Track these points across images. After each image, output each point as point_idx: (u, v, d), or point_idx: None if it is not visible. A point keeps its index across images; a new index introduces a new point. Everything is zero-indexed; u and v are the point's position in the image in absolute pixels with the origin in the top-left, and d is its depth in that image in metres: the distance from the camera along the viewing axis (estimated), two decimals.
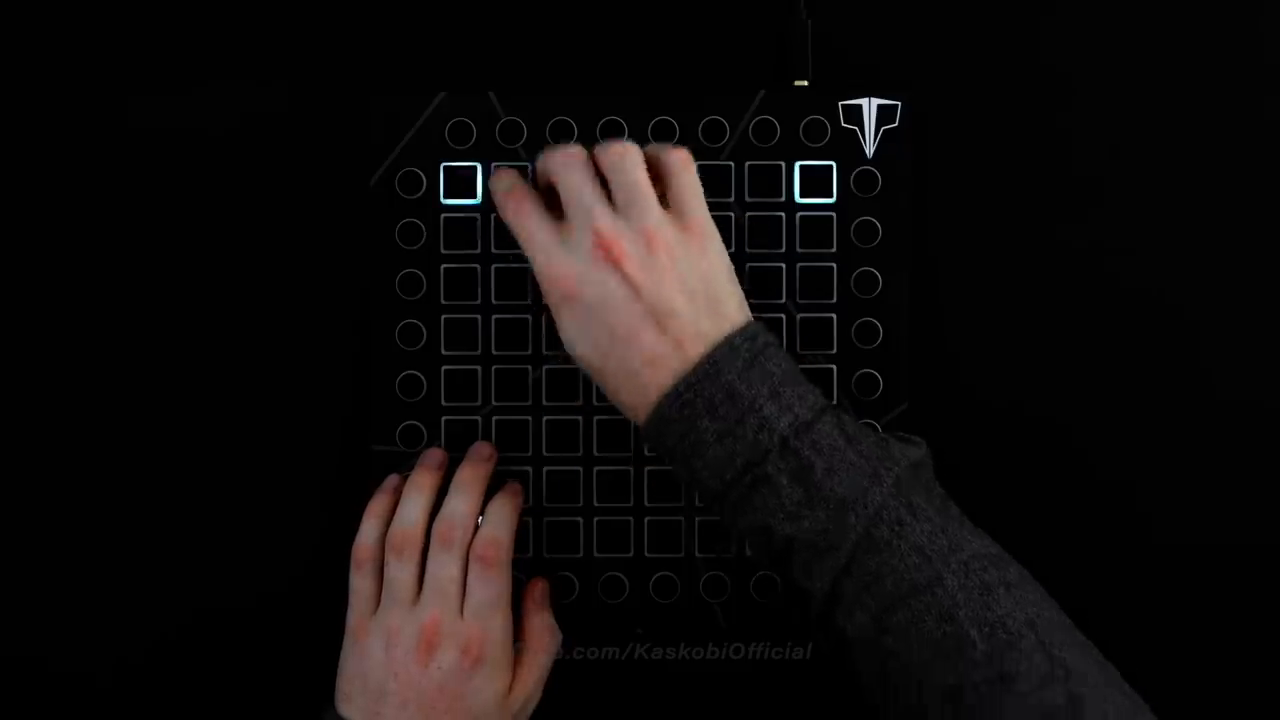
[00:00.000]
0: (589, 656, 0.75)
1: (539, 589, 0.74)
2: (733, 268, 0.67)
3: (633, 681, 0.76)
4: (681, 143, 0.74)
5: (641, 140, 0.74)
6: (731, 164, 0.75)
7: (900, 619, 0.62)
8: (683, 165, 0.67)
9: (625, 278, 0.64)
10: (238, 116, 0.76)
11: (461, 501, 0.71)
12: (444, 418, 0.75)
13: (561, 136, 0.75)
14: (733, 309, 0.66)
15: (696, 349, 0.64)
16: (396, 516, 0.71)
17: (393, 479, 0.73)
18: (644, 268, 0.65)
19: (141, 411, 0.76)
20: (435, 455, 0.73)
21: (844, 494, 0.63)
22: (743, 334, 0.65)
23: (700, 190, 0.67)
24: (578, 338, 0.66)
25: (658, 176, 0.67)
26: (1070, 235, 0.76)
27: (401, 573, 0.70)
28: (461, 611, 0.69)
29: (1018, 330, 0.76)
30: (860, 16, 0.76)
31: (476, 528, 0.71)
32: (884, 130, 0.74)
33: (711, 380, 0.64)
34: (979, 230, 0.76)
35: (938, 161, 0.75)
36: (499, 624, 0.70)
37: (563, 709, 0.75)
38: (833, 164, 0.75)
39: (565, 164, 0.67)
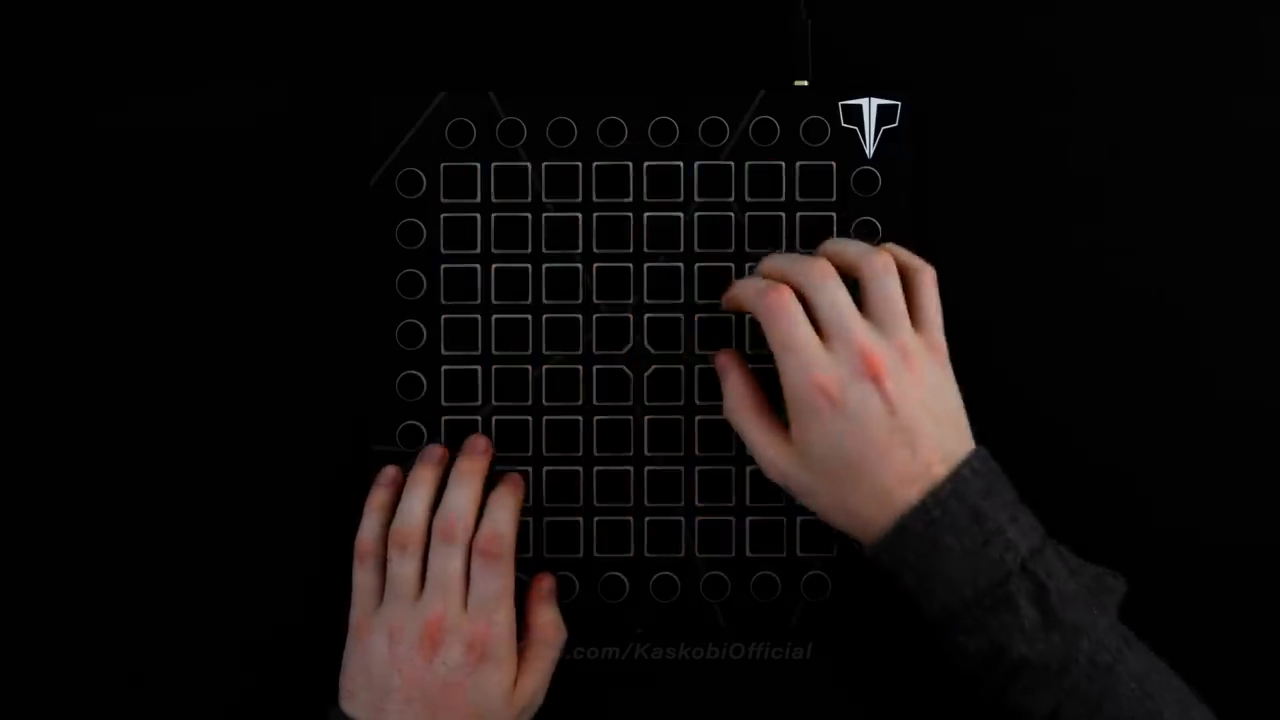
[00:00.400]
0: (589, 656, 0.75)
1: (545, 584, 0.74)
2: (958, 389, 0.69)
3: (633, 681, 0.76)
4: (681, 143, 0.75)
5: (642, 140, 0.74)
6: (731, 164, 0.75)
7: None
8: (931, 281, 0.69)
9: (884, 394, 0.66)
10: (237, 116, 0.76)
11: (461, 495, 0.71)
12: (444, 418, 0.75)
13: (561, 136, 0.75)
14: (966, 433, 0.68)
15: (942, 469, 0.66)
16: (399, 512, 0.71)
17: (389, 470, 0.73)
18: (900, 385, 0.66)
19: (141, 411, 0.76)
20: (435, 451, 0.73)
21: (1075, 620, 0.65)
22: (978, 457, 0.67)
23: (940, 310, 0.69)
24: (828, 448, 0.66)
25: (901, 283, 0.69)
26: (1070, 235, 0.76)
27: (404, 568, 0.70)
28: (465, 606, 0.69)
29: (1018, 330, 0.76)
30: (860, 16, 0.76)
31: (478, 522, 0.71)
32: (884, 130, 0.74)
33: (958, 500, 0.66)
34: (979, 230, 0.76)
35: (938, 161, 0.75)
36: (503, 618, 0.70)
37: (563, 709, 0.75)
38: (833, 164, 0.75)
39: (822, 279, 0.67)
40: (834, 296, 0.67)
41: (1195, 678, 0.68)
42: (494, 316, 0.75)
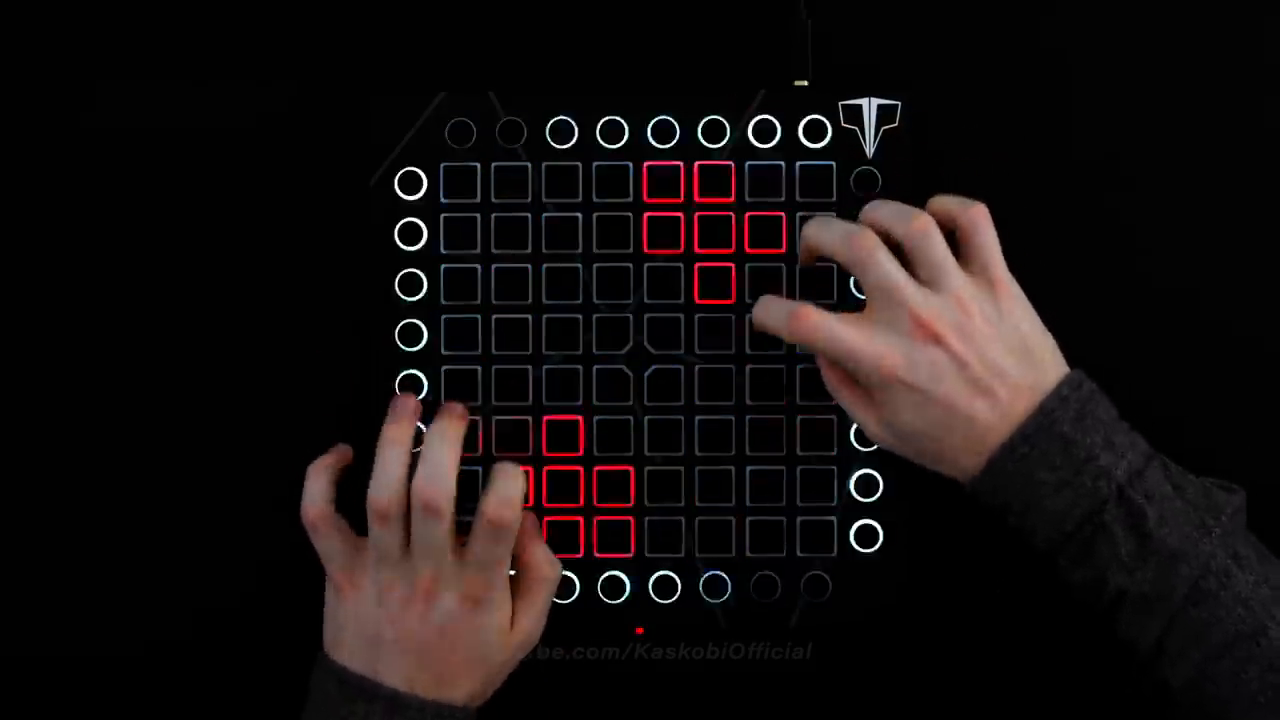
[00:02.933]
0: (589, 656, 0.75)
1: (529, 521, 0.72)
2: (1039, 320, 0.68)
3: (633, 681, 0.76)
4: (681, 143, 0.75)
5: (642, 140, 0.74)
6: (731, 164, 0.75)
7: (1224, 669, 0.64)
8: (982, 222, 0.68)
9: (952, 353, 0.66)
10: (238, 116, 0.76)
11: (442, 461, 0.68)
12: None
13: (561, 136, 0.75)
14: (1051, 358, 0.68)
15: (1027, 403, 0.66)
16: (376, 479, 0.68)
17: (340, 448, 0.72)
18: (965, 339, 0.66)
19: (141, 411, 0.76)
20: (409, 403, 0.71)
21: (1175, 545, 0.64)
22: (1069, 384, 0.67)
23: (998, 244, 0.69)
24: (912, 418, 0.67)
25: (950, 230, 0.68)
26: (1070, 235, 0.76)
27: (390, 538, 0.68)
28: (457, 558, 0.68)
29: None
30: (860, 16, 0.76)
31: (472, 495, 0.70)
32: (884, 130, 0.74)
33: (1045, 433, 0.65)
34: None
35: (938, 161, 0.75)
36: (499, 572, 0.68)
37: (563, 709, 0.75)
38: (833, 164, 0.75)
39: (864, 248, 0.67)
40: (883, 266, 0.67)
41: None
42: (494, 316, 0.75)
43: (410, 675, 0.67)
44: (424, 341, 0.75)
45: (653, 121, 0.75)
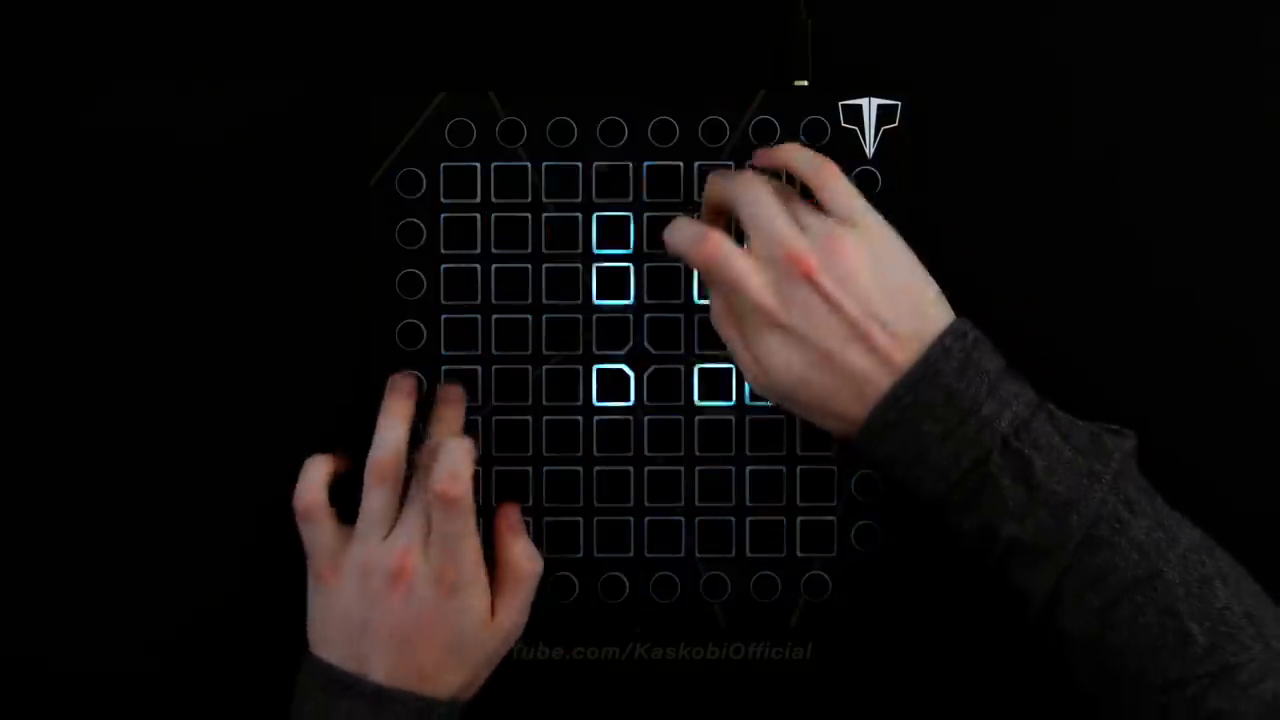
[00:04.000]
0: (589, 656, 0.75)
1: (511, 516, 0.72)
2: (921, 266, 0.67)
3: (633, 681, 0.76)
4: (681, 143, 0.75)
5: (642, 140, 0.74)
6: (732, 164, 0.75)
7: (1121, 614, 0.63)
8: (832, 173, 0.68)
9: (823, 293, 0.65)
10: (238, 117, 0.76)
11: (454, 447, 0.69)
12: None
13: (561, 136, 0.75)
14: (934, 305, 0.67)
15: (909, 353, 0.65)
16: (377, 441, 0.70)
17: (341, 453, 0.73)
18: (837, 280, 0.65)
19: (141, 411, 0.76)
20: (407, 382, 0.72)
21: (1065, 494, 0.63)
22: (952, 333, 0.65)
23: (856, 192, 0.68)
24: (786, 361, 0.66)
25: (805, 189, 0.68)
26: (1070, 235, 0.76)
27: (380, 501, 0.69)
28: (426, 543, 0.69)
29: (1018, 329, 0.76)
30: (860, 16, 0.76)
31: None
32: (884, 130, 0.74)
33: (928, 383, 0.64)
34: (979, 230, 0.76)
35: (938, 161, 0.75)
36: (467, 554, 0.68)
37: (563, 709, 0.76)
38: None
39: (748, 183, 0.67)
40: (753, 210, 0.66)
41: None
42: (494, 316, 0.75)
43: (393, 667, 0.68)
44: (424, 341, 0.75)
45: (653, 121, 0.75)
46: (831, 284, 0.65)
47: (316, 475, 0.70)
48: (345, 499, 0.71)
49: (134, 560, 0.76)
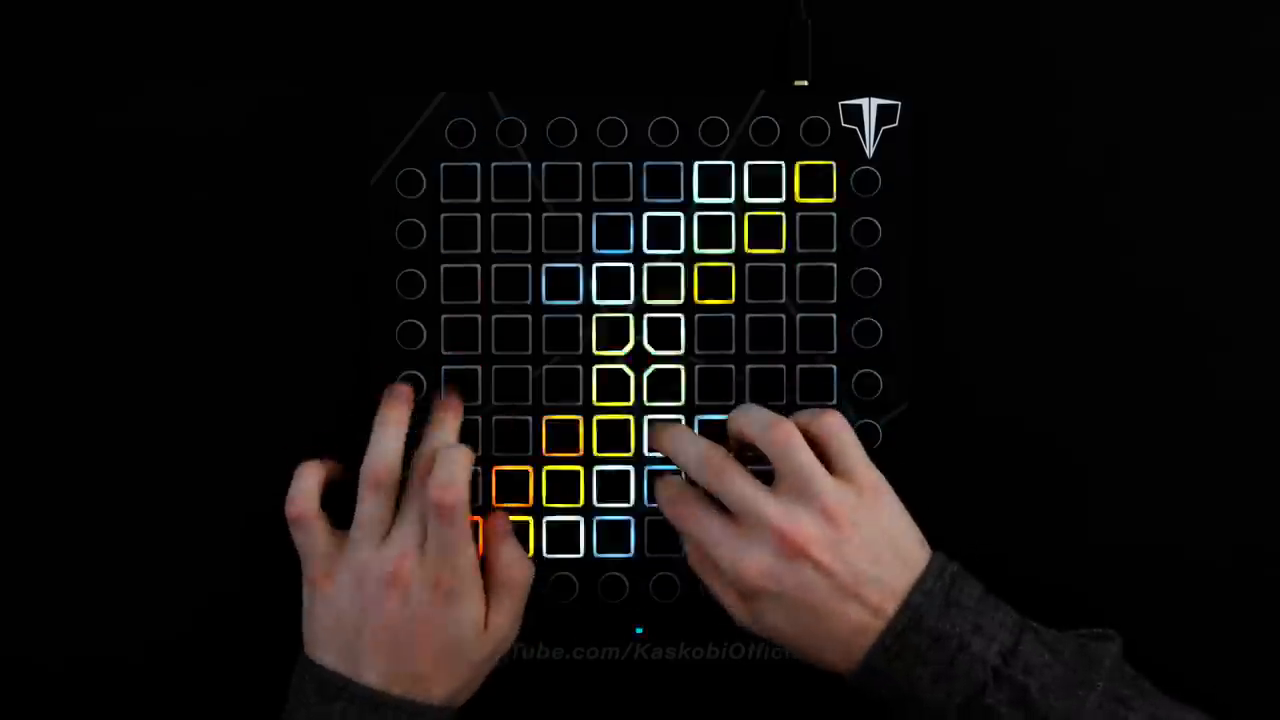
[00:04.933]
0: (589, 656, 0.75)
1: (500, 523, 0.73)
2: (903, 507, 0.69)
3: (633, 681, 0.76)
4: (681, 143, 0.75)
5: (642, 140, 0.74)
6: (731, 164, 0.75)
7: None
8: (840, 427, 0.69)
9: (817, 564, 0.66)
10: (238, 117, 0.76)
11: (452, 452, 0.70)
12: None
13: (561, 136, 0.75)
14: (916, 551, 0.68)
15: (897, 601, 0.66)
16: (373, 449, 0.70)
17: (334, 460, 0.73)
18: (831, 548, 0.66)
19: (141, 411, 0.76)
20: (404, 391, 0.73)
21: (1063, 709, 0.65)
22: (932, 574, 0.67)
23: (859, 444, 0.69)
24: (780, 624, 0.67)
25: (812, 441, 0.68)
26: (1070, 235, 0.76)
27: (375, 507, 0.69)
28: (424, 551, 0.69)
29: (1018, 330, 0.76)
30: (860, 16, 0.76)
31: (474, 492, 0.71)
32: (884, 130, 0.74)
33: (915, 629, 0.66)
34: (979, 230, 0.76)
35: (938, 161, 0.75)
36: (462, 561, 0.69)
37: (563, 709, 0.75)
38: (833, 164, 0.75)
39: (720, 470, 0.68)
40: (738, 486, 0.67)
41: (1201, 678, 0.67)
42: (494, 316, 0.75)
43: (388, 671, 0.68)
44: (424, 341, 0.75)
45: (653, 121, 0.75)
46: (826, 555, 0.66)
47: (308, 482, 0.71)
48: (338, 504, 0.71)
49: (132, 561, 0.76)
